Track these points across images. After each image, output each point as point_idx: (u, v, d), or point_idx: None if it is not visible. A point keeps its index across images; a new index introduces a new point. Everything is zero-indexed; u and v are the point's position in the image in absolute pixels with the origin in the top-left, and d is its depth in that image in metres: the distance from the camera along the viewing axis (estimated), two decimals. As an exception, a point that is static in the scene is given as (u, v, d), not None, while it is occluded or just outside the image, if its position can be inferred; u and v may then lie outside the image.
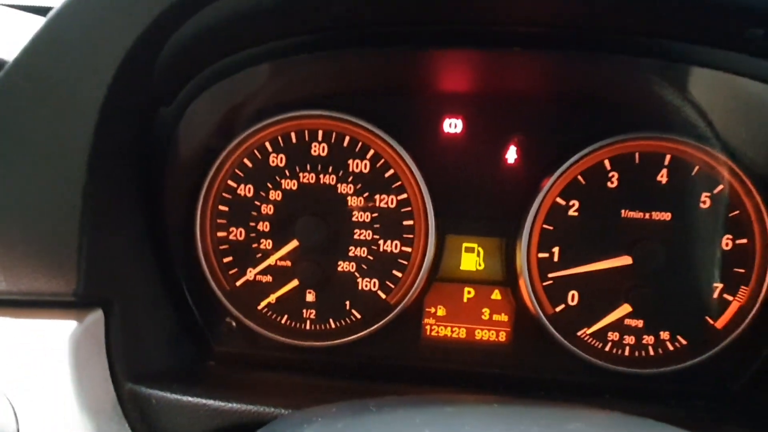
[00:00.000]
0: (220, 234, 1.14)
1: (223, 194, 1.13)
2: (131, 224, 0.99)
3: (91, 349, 0.85)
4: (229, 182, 1.13)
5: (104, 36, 0.74)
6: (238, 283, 1.14)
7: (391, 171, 1.11)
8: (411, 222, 1.12)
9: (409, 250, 1.13)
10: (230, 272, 1.14)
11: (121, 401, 0.87)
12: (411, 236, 1.12)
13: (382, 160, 1.11)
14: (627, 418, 0.69)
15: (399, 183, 1.12)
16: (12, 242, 0.81)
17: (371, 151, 1.11)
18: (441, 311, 1.16)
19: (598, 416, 0.69)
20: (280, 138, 1.11)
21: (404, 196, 1.12)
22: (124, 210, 0.96)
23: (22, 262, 0.81)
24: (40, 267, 0.81)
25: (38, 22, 0.76)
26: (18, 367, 0.80)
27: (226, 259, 1.14)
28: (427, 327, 1.16)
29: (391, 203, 1.12)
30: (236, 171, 1.12)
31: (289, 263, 1.13)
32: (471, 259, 1.15)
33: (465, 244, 1.15)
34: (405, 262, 1.13)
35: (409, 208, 1.12)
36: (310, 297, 1.14)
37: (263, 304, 1.14)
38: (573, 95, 1.12)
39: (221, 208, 1.13)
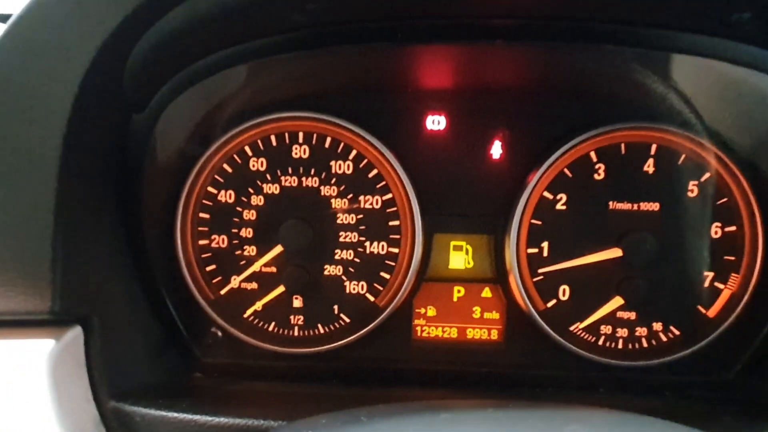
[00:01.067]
0: (202, 242, 1.11)
1: (204, 201, 1.10)
2: (109, 236, 0.96)
3: (70, 368, 0.82)
4: (209, 189, 1.10)
5: (68, 43, 0.72)
6: (222, 292, 1.12)
7: (375, 171, 1.09)
8: (397, 222, 1.10)
9: (396, 250, 1.11)
10: (214, 281, 1.12)
11: (105, 420, 0.84)
12: (398, 237, 1.11)
13: (365, 161, 1.09)
14: (623, 417, 0.68)
15: (383, 183, 1.10)
16: (-18, 261, 0.78)
17: (354, 152, 1.09)
18: (431, 311, 1.14)
19: (594, 416, 0.68)
20: (260, 141, 1.09)
21: (389, 196, 1.10)
22: (101, 222, 0.93)
23: (-6, 281, 0.78)
24: (13, 285, 0.78)
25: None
26: (-6, 391, 0.77)
27: (209, 268, 1.11)
28: (418, 328, 1.14)
29: (376, 204, 1.10)
30: (216, 177, 1.10)
31: (274, 269, 1.11)
32: (459, 257, 1.13)
33: (453, 243, 1.13)
34: (392, 264, 1.11)
35: (395, 208, 1.10)
36: (297, 303, 1.12)
37: (249, 311, 1.12)
38: (556, 87, 1.11)
39: (202, 215, 1.11)
